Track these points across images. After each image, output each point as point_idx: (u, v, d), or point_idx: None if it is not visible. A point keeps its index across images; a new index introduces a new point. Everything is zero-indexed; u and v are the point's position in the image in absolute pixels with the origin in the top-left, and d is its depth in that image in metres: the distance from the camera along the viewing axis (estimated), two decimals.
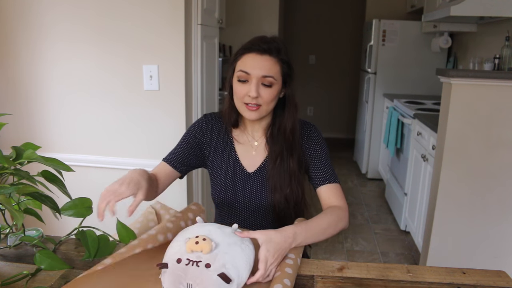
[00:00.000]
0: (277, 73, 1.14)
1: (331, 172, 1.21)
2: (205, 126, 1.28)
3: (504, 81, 1.89)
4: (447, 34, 3.55)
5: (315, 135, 1.24)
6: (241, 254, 0.86)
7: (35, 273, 0.94)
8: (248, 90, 1.13)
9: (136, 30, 1.88)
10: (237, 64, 1.16)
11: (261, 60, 1.13)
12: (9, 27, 1.95)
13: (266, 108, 1.17)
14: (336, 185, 1.20)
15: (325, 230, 1.06)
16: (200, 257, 0.81)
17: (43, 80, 2.00)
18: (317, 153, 1.22)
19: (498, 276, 0.96)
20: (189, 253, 0.82)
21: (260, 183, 1.22)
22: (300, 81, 5.46)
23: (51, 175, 1.01)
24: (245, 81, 1.14)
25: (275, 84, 1.14)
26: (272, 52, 1.14)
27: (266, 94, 1.13)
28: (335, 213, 1.12)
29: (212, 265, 0.80)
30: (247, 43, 1.18)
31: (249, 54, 1.14)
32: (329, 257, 2.67)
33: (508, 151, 1.96)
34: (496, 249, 2.09)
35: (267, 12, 4.11)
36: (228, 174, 1.25)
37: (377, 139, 4.12)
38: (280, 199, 1.20)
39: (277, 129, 1.22)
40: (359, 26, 5.08)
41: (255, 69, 1.12)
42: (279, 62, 1.15)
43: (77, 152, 2.06)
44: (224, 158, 1.26)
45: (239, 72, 1.14)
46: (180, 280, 0.80)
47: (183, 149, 1.27)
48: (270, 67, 1.13)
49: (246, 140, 1.27)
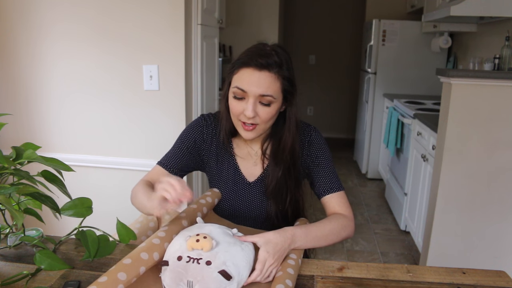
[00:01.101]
0: (276, 91, 1.04)
1: (335, 179, 1.17)
2: (206, 130, 1.20)
3: (504, 81, 1.89)
4: (447, 34, 3.55)
5: (316, 140, 1.18)
6: (241, 253, 0.86)
7: (35, 273, 0.94)
8: (244, 108, 1.04)
9: (136, 30, 1.88)
10: (233, 79, 1.07)
11: (259, 77, 1.02)
12: (9, 27, 1.95)
13: (264, 127, 1.09)
14: (341, 193, 1.16)
15: (327, 237, 1.04)
16: (201, 255, 0.81)
17: (43, 80, 2.00)
18: (320, 160, 1.17)
19: (498, 276, 0.96)
20: (189, 251, 0.82)
21: (260, 193, 1.19)
22: (300, 81, 5.43)
23: (51, 175, 1.01)
24: (242, 98, 1.05)
25: (274, 102, 1.05)
26: (271, 68, 1.03)
27: (264, 114, 1.05)
28: (339, 221, 1.08)
29: (212, 262, 0.80)
30: (244, 55, 1.06)
31: (246, 69, 1.03)
32: (329, 257, 2.67)
33: (508, 151, 1.96)
34: (496, 249, 2.09)
35: (267, 12, 4.11)
36: (228, 184, 1.20)
37: (377, 139, 4.12)
38: (278, 210, 1.17)
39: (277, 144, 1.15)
40: (359, 26, 5.08)
41: (252, 87, 1.02)
42: (280, 78, 1.04)
43: (77, 152, 2.06)
44: (224, 166, 1.20)
45: (234, 89, 1.04)
46: (181, 277, 0.80)
47: (180, 153, 1.19)
48: (268, 84, 1.03)
49: (246, 150, 1.21)
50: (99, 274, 0.94)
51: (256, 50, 1.06)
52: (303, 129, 1.19)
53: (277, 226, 1.20)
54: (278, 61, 1.04)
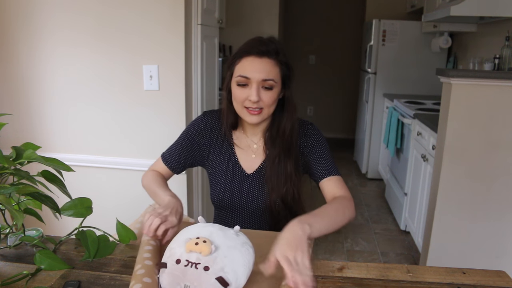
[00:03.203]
0: (276, 75, 1.13)
1: (332, 165, 1.19)
2: (204, 126, 1.27)
3: (504, 81, 1.89)
4: (447, 34, 3.55)
5: (312, 133, 1.23)
6: (240, 259, 0.85)
7: (35, 273, 0.94)
8: (248, 95, 1.12)
9: (136, 30, 1.88)
10: (235, 69, 1.15)
11: (260, 63, 1.12)
12: (10, 28, 1.95)
13: (268, 111, 1.16)
14: (338, 177, 1.18)
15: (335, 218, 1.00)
16: (199, 259, 0.81)
17: (43, 80, 2.00)
18: (316, 149, 1.21)
19: (498, 276, 0.96)
20: (188, 253, 0.82)
21: (259, 184, 1.22)
22: (300, 81, 5.46)
23: (51, 175, 1.01)
24: (245, 85, 1.13)
25: (275, 86, 1.14)
26: (271, 54, 1.13)
27: (267, 97, 1.13)
28: (340, 202, 1.08)
29: (210, 268, 0.80)
30: (244, 46, 1.16)
31: (248, 58, 1.13)
32: (329, 257, 2.67)
33: (508, 151, 1.96)
34: (496, 249, 2.09)
35: (267, 12, 4.11)
36: (227, 176, 1.24)
37: (377, 139, 4.12)
38: (275, 200, 1.19)
39: (276, 131, 1.21)
40: (359, 26, 5.08)
41: (255, 73, 1.11)
42: (278, 63, 1.14)
43: (77, 152, 2.06)
44: (223, 159, 1.26)
45: (238, 77, 1.13)
46: (178, 281, 0.80)
47: (181, 149, 1.27)
48: (269, 69, 1.12)
49: (245, 143, 1.26)
50: (99, 274, 0.94)
51: (254, 41, 1.16)
52: (300, 124, 1.24)
53: (274, 219, 1.21)
54: (275, 48, 1.14)
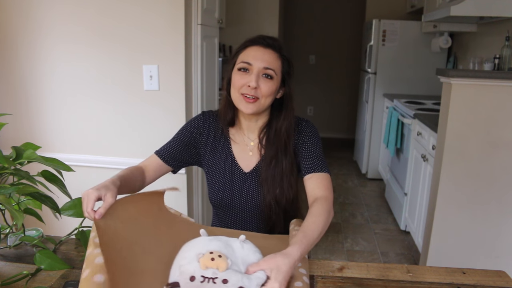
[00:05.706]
0: (278, 68, 1.16)
1: (320, 162, 1.17)
2: (202, 124, 1.27)
3: (504, 81, 1.89)
4: (447, 34, 3.55)
5: (306, 129, 1.23)
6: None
7: (35, 273, 0.94)
8: (247, 81, 1.13)
9: (136, 30, 1.88)
10: (239, 57, 1.17)
11: (264, 52, 1.15)
12: (9, 26, 1.95)
13: (264, 102, 1.15)
14: (323, 174, 1.15)
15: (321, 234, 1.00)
16: (216, 274, 0.78)
17: (43, 80, 2.00)
18: (306, 145, 1.20)
19: (498, 276, 0.96)
20: (203, 270, 0.79)
21: (256, 183, 1.22)
22: (300, 81, 5.47)
23: (51, 175, 1.01)
24: (246, 71, 1.14)
25: (275, 78, 1.15)
26: (274, 48, 1.16)
27: (265, 87, 1.14)
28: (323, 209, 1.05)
29: (229, 281, 0.78)
30: (250, 38, 1.20)
31: (253, 47, 1.16)
32: (329, 257, 2.67)
33: (508, 151, 1.96)
34: (496, 249, 2.09)
35: (267, 12, 4.11)
36: (224, 174, 1.24)
37: (377, 139, 4.12)
38: (270, 200, 1.19)
39: (273, 130, 1.21)
40: (359, 26, 5.08)
41: (258, 60, 1.13)
42: (281, 58, 1.17)
43: (77, 152, 2.06)
44: (221, 157, 1.25)
45: (240, 63, 1.15)
46: None
47: (177, 145, 1.26)
48: (272, 60, 1.15)
49: (242, 140, 1.26)
50: None
51: (258, 36, 1.19)
52: (295, 122, 1.24)
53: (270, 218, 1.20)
54: (278, 44, 1.18)
